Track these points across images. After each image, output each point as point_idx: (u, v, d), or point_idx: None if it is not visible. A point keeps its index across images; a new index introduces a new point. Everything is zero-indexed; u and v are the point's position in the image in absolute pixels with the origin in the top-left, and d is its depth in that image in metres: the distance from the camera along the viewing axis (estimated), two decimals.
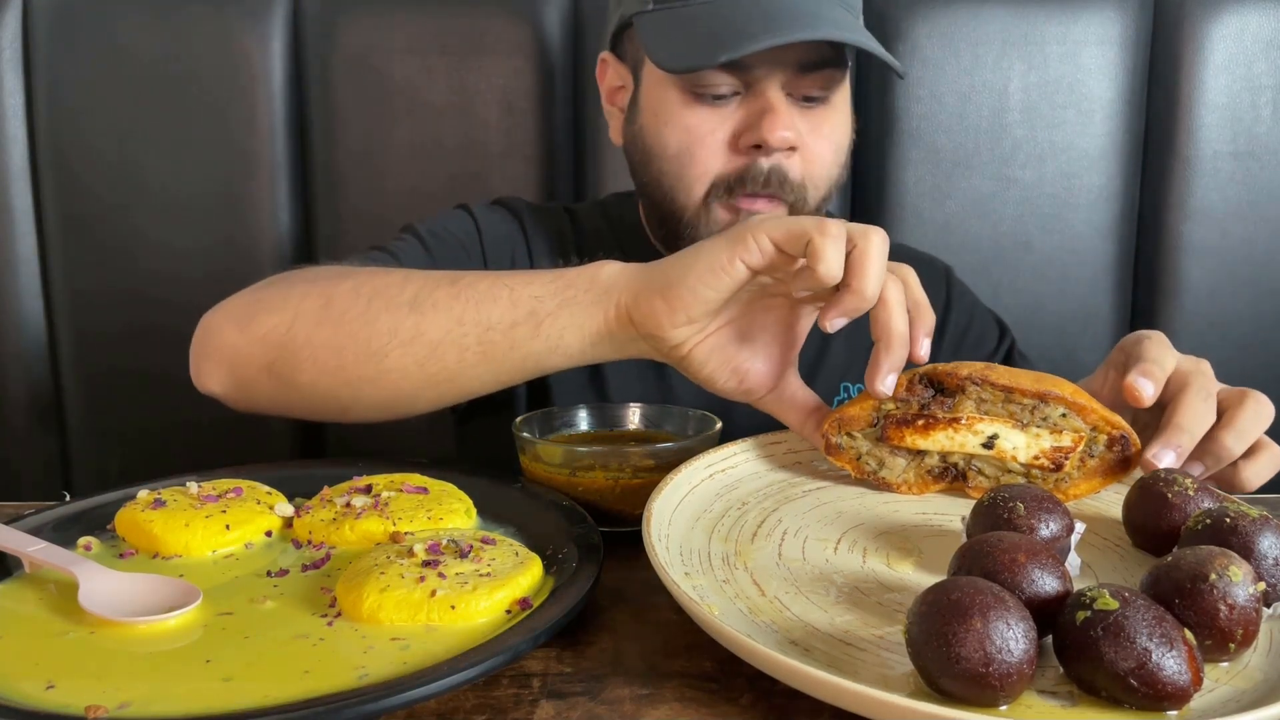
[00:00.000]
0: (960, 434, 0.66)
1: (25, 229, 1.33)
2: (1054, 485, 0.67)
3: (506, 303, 0.75)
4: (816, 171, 0.94)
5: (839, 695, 0.46)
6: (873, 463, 0.70)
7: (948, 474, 0.69)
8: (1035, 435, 0.66)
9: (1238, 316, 1.33)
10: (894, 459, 0.69)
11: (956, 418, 0.66)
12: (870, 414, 0.69)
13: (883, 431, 0.68)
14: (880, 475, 0.70)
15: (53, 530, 0.68)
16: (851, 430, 0.69)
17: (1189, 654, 0.47)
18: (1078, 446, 0.66)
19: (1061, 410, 0.66)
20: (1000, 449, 0.66)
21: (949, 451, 0.67)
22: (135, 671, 0.52)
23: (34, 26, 1.30)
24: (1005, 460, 0.66)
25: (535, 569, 0.61)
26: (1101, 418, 0.66)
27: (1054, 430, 0.65)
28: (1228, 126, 1.29)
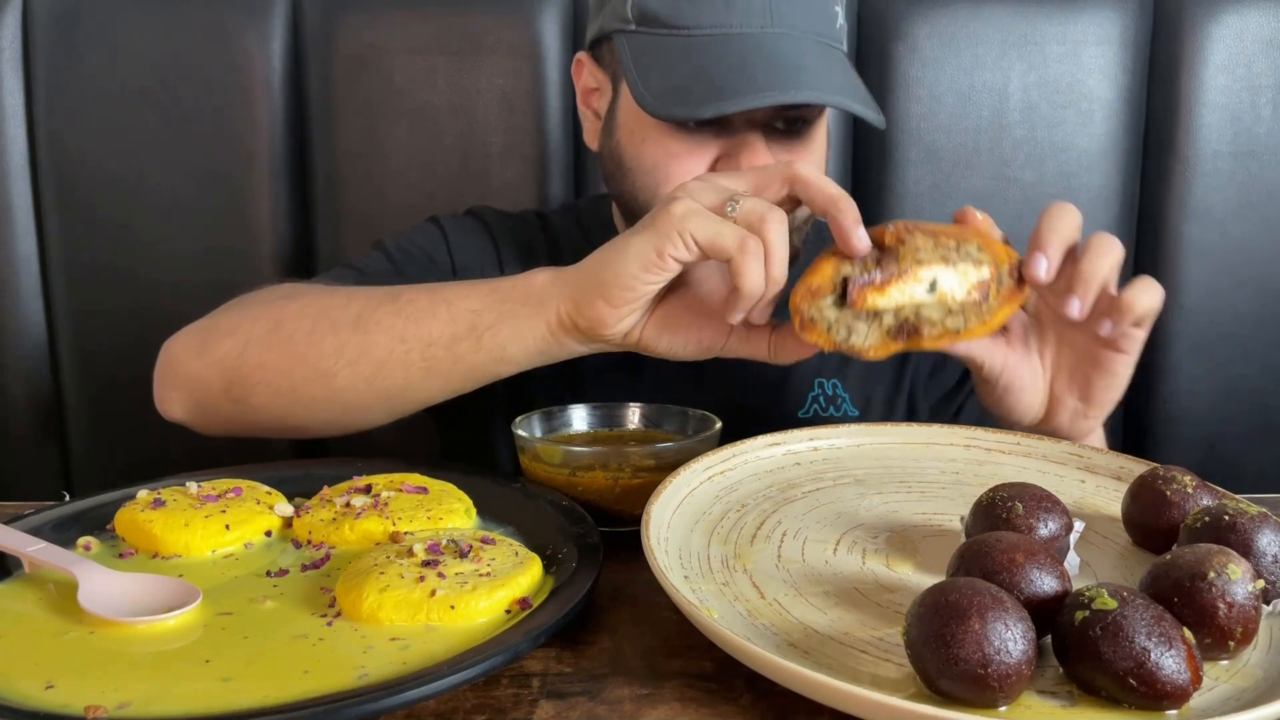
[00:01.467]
0: (909, 285, 0.70)
1: (25, 229, 1.33)
2: (980, 319, 0.71)
3: (445, 318, 0.77)
4: None
5: (838, 698, 0.46)
6: (842, 331, 0.71)
7: (903, 331, 0.72)
8: (963, 272, 0.70)
9: (1238, 316, 1.32)
10: (858, 324, 0.71)
11: (905, 270, 0.70)
12: (832, 282, 0.71)
13: (849, 297, 0.70)
14: (851, 343, 0.71)
15: (52, 530, 0.68)
16: (820, 300, 0.71)
17: (1188, 653, 0.47)
18: (996, 274, 0.71)
19: (975, 245, 0.71)
20: (941, 292, 0.70)
21: (902, 306, 0.71)
22: (135, 671, 0.52)
23: (34, 26, 1.30)
24: (947, 303, 0.71)
25: (535, 569, 0.61)
26: (1002, 249, 0.72)
27: (975, 264, 0.71)
28: (1227, 126, 1.29)
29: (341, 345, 0.79)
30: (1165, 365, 1.33)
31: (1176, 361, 1.33)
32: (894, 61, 1.31)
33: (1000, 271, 0.71)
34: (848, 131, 1.35)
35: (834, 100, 0.87)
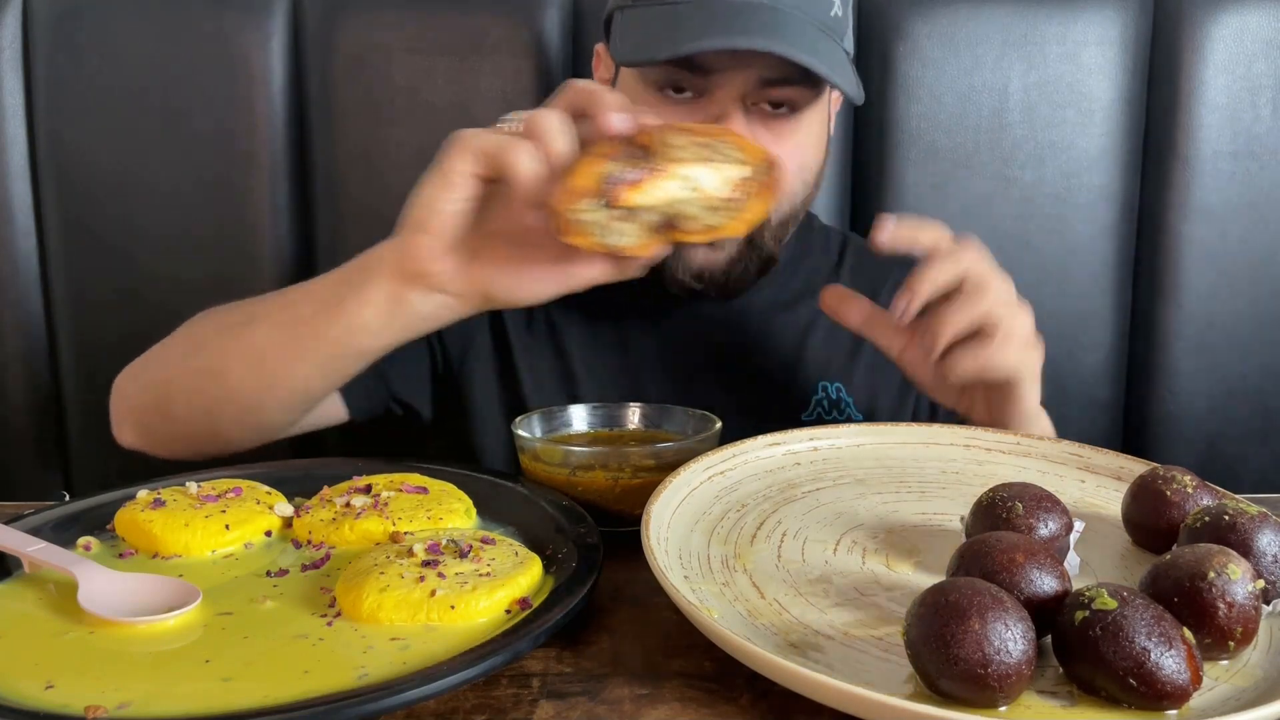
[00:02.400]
0: (668, 182, 0.71)
1: (25, 228, 1.33)
2: (737, 215, 0.72)
3: (305, 299, 0.81)
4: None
5: (838, 697, 0.46)
6: (604, 232, 0.70)
7: (665, 228, 0.72)
8: (720, 170, 0.72)
9: (1238, 316, 1.32)
10: (620, 225, 0.71)
11: (663, 168, 0.70)
12: (593, 183, 0.70)
13: (610, 196, 0.70)
14: (613, 244, 0.71)
15: (52, 530, 0.68)
16: (579, 201, 0.70)
17: (1188, 652, 0.47)
18: (751, 174, 0.73)
19: (729, 145, 0.72)
20: (701, 189, 0.71)
21: (663, 203, 0.71)
22: (135, 671, 0.52)
23: (34, 26, 1.30)
24: (706, 200, 0.72)
25: (535, 569, 0.61)
26: (755, 147, 0.74)
27: (731, 162, 0.72)
28: (1227, 126, 1.29)
29: (233, 343, 0.84)
30: (1165, 365, 1.34)
31: (1176, 361, 1.33)
32: (894, 61, 1.31)
33: (755, 169, 0.73)
34: (848, 131, 1.35)
35: (795, 55, 0.84)
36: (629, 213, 0.70)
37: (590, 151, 0.70)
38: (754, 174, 0.73)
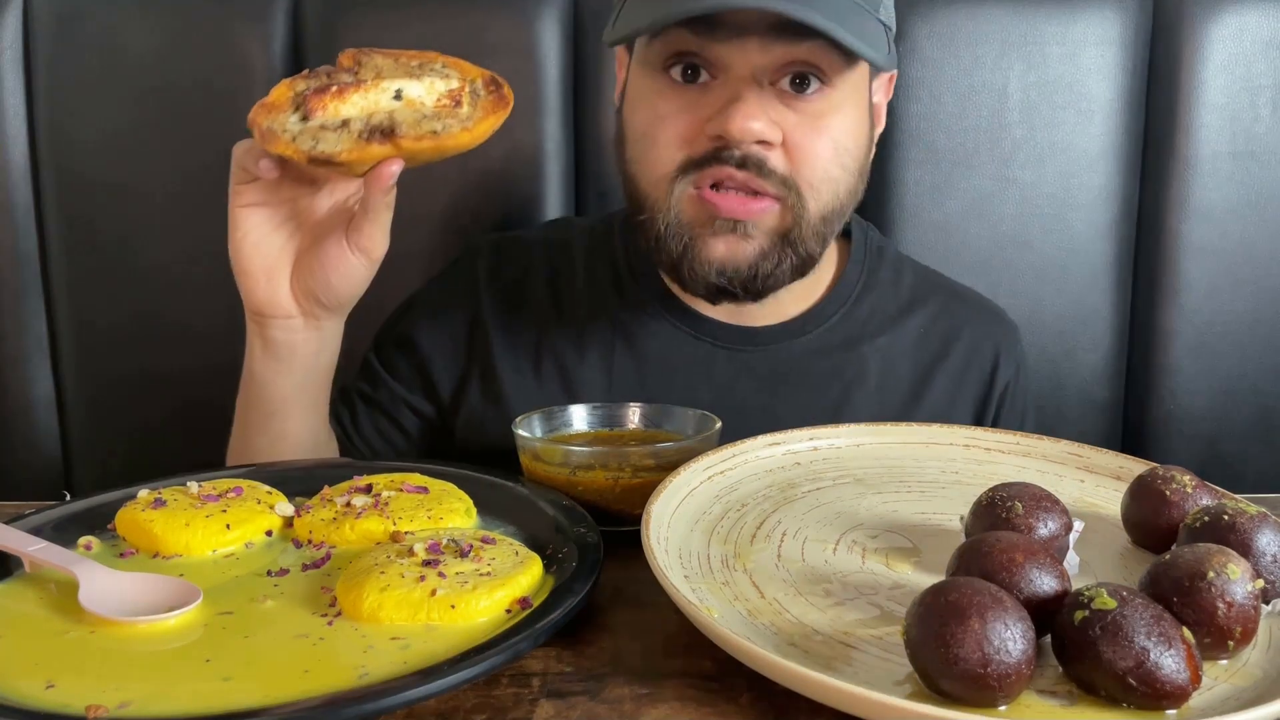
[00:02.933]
0: (372, 94, 0.73)
1: (26, 228, 1.33)
2: (462, 125, 0.74)
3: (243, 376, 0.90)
4: (810, 172, 0.86)
5: (838, 697, 0.46)
6: (309, 140, 0.72)
7: (377, 133, 0.72)
8: (430, 84, 0.74)
9: (1237, 316, 1.32)
10: (325, 134, 0.72)
11: (363, 80, 0.74)
12: (288, 96, 0.74)
13: (306, 106, 0.73)
14: (320, 151, 0.72)
15: (53, 530, 0.68)
16: (278, 115, 0.74)
17: (1187, 652, 0.47)
18: (464, 87, 0.75)
19: (440, 64, 0.75)
20: (409, 98, 0.73)
21: (370, 113, 0.73)
22: (135, 671, 0.52)
23: (34, 26, 1.30)
24: (417, 107, 0.73)
25: (535, 568, 0.61)
26: (471, 66, 0.76)
27: (442, 77, 0.75)
28: (1227, 127, 1.29)
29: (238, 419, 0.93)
30: (1165, 365, 1.33)
31: (1176, 361, 1.33)
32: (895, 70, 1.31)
33: (474, 84, 0.75)
34: None
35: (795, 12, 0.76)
36: (339, 126, 0.72)
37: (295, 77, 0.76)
38: (471, 87, 0.75)
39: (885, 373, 0.99)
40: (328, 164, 0.73)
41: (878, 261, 1.05)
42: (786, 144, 0.85)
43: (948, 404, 1.00)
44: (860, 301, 1.01)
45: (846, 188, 0.89)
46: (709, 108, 0.85)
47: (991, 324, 1.05)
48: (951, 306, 1.04)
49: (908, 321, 1.02)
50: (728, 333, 0.98)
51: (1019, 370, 1.05)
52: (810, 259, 0.91)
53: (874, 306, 1.02)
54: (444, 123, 0.73)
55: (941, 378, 1.00)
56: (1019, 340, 1.07)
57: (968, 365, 1.01)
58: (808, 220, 0.87)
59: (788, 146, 0.85)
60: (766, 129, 0.83)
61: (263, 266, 0.82)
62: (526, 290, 1.04)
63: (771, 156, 0.85)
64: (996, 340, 1.04)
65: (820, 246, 0.91)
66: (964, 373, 1.01)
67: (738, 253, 0.88)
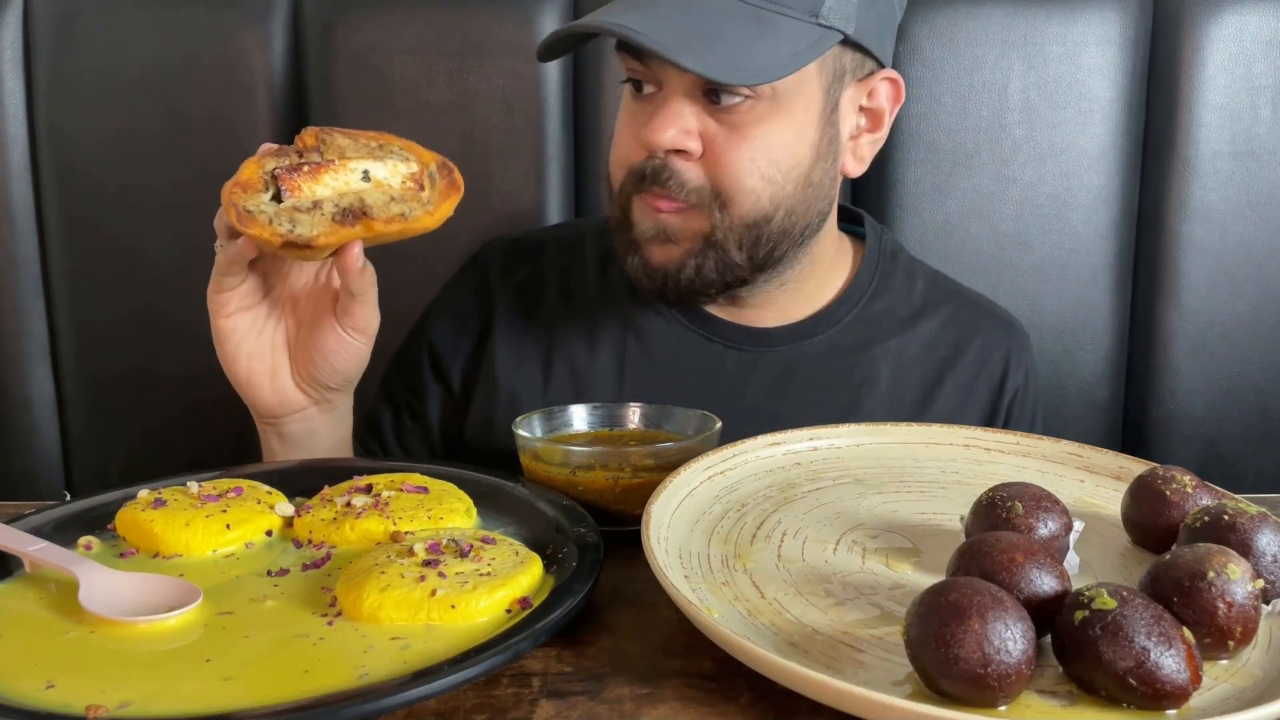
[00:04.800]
0: (342, 174, 0.74)
1: (26, 228, 1.33)
2: (424, 208, 0.75)
3: None
4: (725, 180, 0.86)
5: (838, 697, 0.46)
6: (285, 223, 0.72)
7: (350, 215, 0.73)
8: (393, 166, 0.75)
9: (1237, 316, 1.32)
10: (300, 215, 0.72)
11: (331, 160, 0.74)
12: (259, 176, 0.74)
13: (279, 187, 0.73)
14: (298, 234, 0.72)
15: (53, 530, 0.68)
16: (253, 195, 0.73)
17: (1188, 652, 0.47)
18: (424, 170, 0.76)
19: (398, 147, 0.76)
20: (376, 180, 0.74)
21: (341, 194, 0.73)
22: (135, 671, 0.52)
23: (34, 26, 1.30)
24: (385, 189, 0.74)
25: (535, 568, 0.61)
26: (424, 150, 0.77)
27: (402, 160, 0.75)
28: (1227, 127, 1.29)
29: None
30: (1164, 365, 1.33)
31: (1176, 361, 1.33)
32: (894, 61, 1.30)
33: (429, 168, 0.76)
34: None
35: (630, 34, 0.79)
36: (311, 206, 0.72)
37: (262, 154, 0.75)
38: (430, 172, 0.76)
39: (896, 377, 0.99)
40: (298, 248, 0.72)
41: (891, 265, 1.05)
42: (707, 153, 0.86)
43: (957, 410, 1.00)
44: (872, 304, 1.01)
45: (771, 196, 0.87)
46: (644, 117, 0.88)
47: (1002, 332, 1.05)
48: (963, 313, 1.04)
49: (919, 326, 1.02)
50: (738, 333, 0.99)
51: (1028, 378, 1.05)
52: (738, 266, 0.90)
53: (886, 310, 1.02)
54: (409, 205, 0.74)
55: (951, 384, 1.00)
56: (1029, 349, 1.07)
57: (978, 372, 1.02)
58: (730, 226, 0.87)
59: (707, 155, 0.86)
60: (678, 138, 0.85)
61: (263, 370, 0.82)
62: (539, 290, 1.04)
63: (688, 168, 0.87)
64: (1007, 348, 1.04)
65: (750, 254, 0.90)
66: (974, 380, 1.01)
67: (667, 257, 0.90)
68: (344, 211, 0.73)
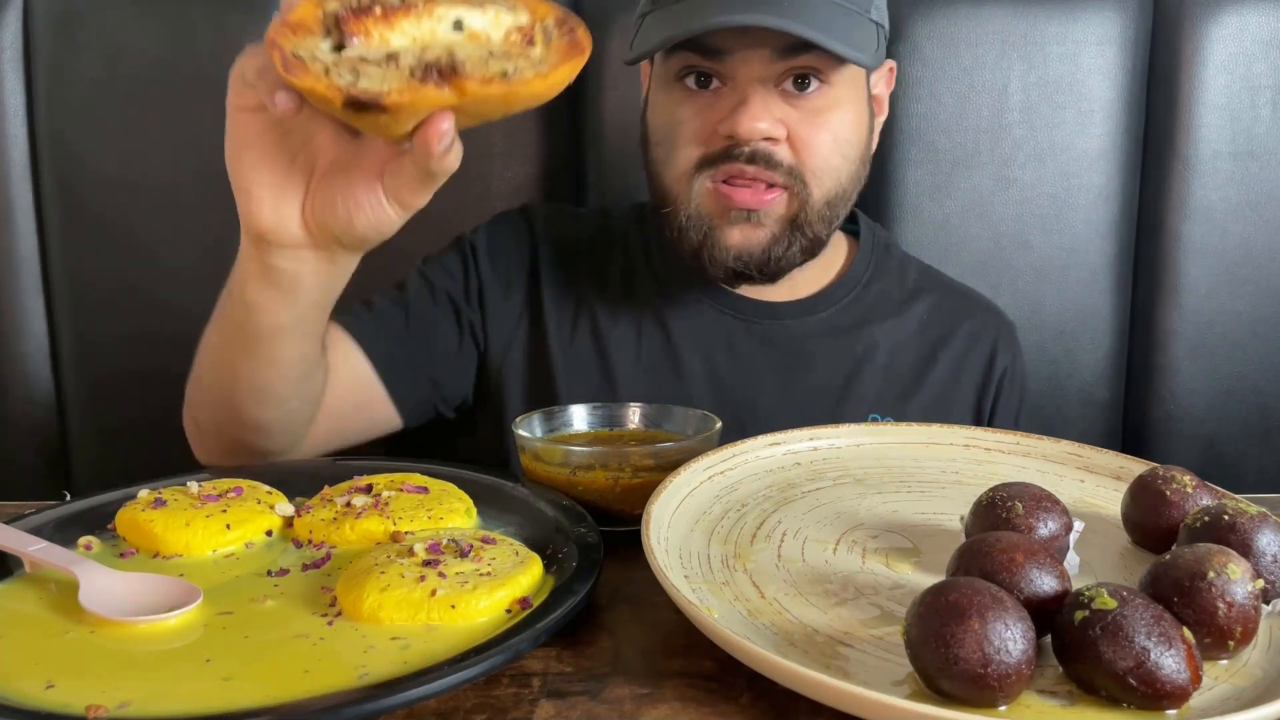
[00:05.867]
0: (426, 22, 0.59)
1: (26, 228, 1.33)
2: (535, 69, 0.59)
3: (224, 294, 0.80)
4: (813, 162, 0.94)
5: (838, 697, 0.46)
6: (346, 74, 0.57)
7: (434, 72, 0.57)
8: (496, 16, 0.60)
9: (1237, 316, 1.33)
10: (367, 67, 0.58)
11: (414, 3, 0.59)
12: (316, 15, 0.58)
13: (341, 31, 0.58)
14: (363, 89, 0.57)
15: (53, 530, 0.68)
16: (306, 39, 0.59)
17: (1188, 652, 0.47)
18: (535, 24, 0.60)
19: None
20: (471, 30, 0.59)
21: (424, 46, 0.59)
22: (135, 671, 0.52)
23: (34, 26, 1.30)
24: (481, 42, 0.59)
25: (535, 568, 0.61)
26: (541, 2, 0.61)
27: (509, 9, 0.60)
28: (1227, 126, 1.29)
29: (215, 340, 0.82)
30: (1164, 365, 1.34)
31: (1176, 361, 1.33)
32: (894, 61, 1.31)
33: (544, 22, 0.61)
34: None
35: (782, 24, 0.85)
36: (384, 59, 0.58)
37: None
38: (545, 27, 0.60)
39: (892, 353, 1.06)
40: (368, 109, 0.57)
41: (884, 255, 1.12)
42: (791, 138, 0.93)
43: (951, 384, 1.07)
44: (868, 288, 1.09)
45: (848, 174, 0.97)
46: (720, 111, 0.93)
47: (989, 316, 1.13)
48: (951, 299, 1.12)
49: (912, 308, 1.09)
50: (748, 307, 1.06)
51: (1015, 359, 1.12)
52: (818, 240, 0.99)
53: (881, 294, 1.09)
54: (515, 64, 0.58)
55: (944, 360, 1.07)
56: (1015, 334, 1.14)
57: (968, 350, 1.09)
58: (813, 205, 0.95)
59: (792, 140, 0.93)
60: (771, 127, 0.92)
61: (268, 186, 0.68)
62: (576, 250, 1.10)
63: (778, 150, 0.93)
64: (994, 330, 1.11)
65: (826, 229, 0.99)
66: (965, 357, 1.08)
67: (751, 239, 0.96)
68: (427, 67, 0.57)
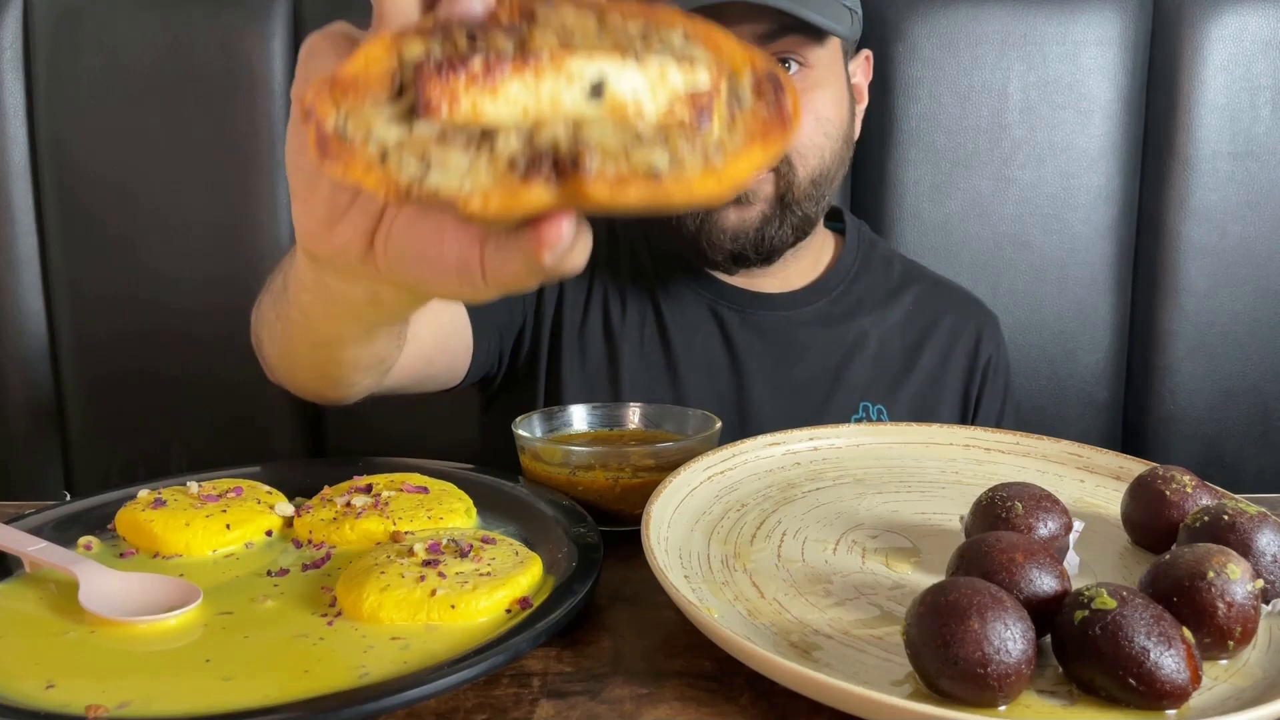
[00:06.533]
0: (546, 80, 0.38)
1: (26, 228, 1.33)
2: (705, 161, 0.38)
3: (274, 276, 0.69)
4: (801, 139, 0.97)
5: (838, 697, 0.46)
6: (413, 162, 0.37)
7: (541, 164, 0.37)
8: (660, 73, 0.39)
9: (1237, 316, 1.33)
10: (447, 151, 0.37)
11: (535, 51, 0.38)
12: (388, 70, 0.38)
13: (419, 95, 0.37)
14: (432, 185, 0.37)
15: (53, 530, 0.68)
16: (363, 102, 0.38)
17: (1187, 652, 0.47)
18: (719, 88, 0.39)
19: (681, 32, 0.39)
20: (615, 99, 0.38)
21: (537, 120, 0.38)
22: (135, 671, 0.52)
23: (34, 26, 1.30)
24: (628, 118, 0.38)
25: (535, 568, 0.61)
26: (737, 47, 0.40)
27: (683, 62, 0.39)
28: (1227, 126, 1.29)
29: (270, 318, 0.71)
30: (1164, 365, 1.34)
31: (1175, 361, 1.33)
32: (893, 62, 1.31)
33: (736, 83, 0.39)
34: None
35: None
36: (473, 139, 0.37)
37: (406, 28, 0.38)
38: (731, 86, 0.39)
39: (881, 343, 1.09)
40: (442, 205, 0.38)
41: (870, 251, 1.15)
42: None
43: (939, 371, 1.10)
44: (856, 281, 1.12)
45: (831, 152, 1.00)
46: None
47: (972, 308, 1.16)
48: (936, 291, 1.15)
49: (899, 300, 1.12)
50: (742, 297, 1.08)
51: (999, 349, 1.15)
52: (807, 220, 1.01)
53: (868, 286, 1.12)
54: (675, 154, 0.38)
55: (930, 350, 1.10)
56: (998, 325, 1.17)
57: (954, 340, 1.12)
58: (799, 184, 0.98)
59: None
60: None
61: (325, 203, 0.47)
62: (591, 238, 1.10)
63: None
64: (978, 321, 1.14)
65: (815, 207, 1.01)
66: (951, 346, 1.12)
67: (745, 219, 0.99)
68: (534, 157, 0.37)
